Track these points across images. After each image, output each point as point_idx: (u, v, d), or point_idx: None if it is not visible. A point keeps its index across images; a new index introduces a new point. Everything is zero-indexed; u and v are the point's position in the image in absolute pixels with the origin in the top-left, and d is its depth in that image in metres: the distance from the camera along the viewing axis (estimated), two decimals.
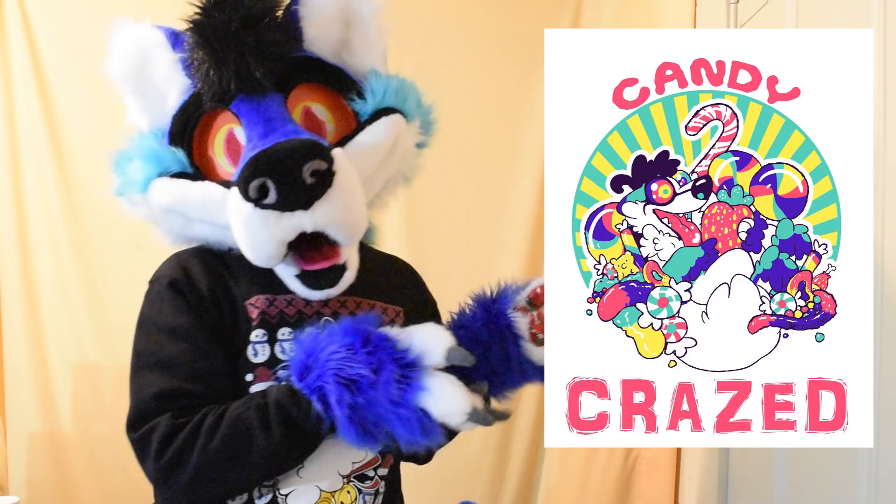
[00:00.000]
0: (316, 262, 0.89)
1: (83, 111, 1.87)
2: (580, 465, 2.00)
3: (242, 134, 0.90)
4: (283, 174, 0.81)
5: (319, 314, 0.94)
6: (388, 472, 0.98)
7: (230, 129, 0.93)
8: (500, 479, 2.05)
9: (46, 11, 1.88)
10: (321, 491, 0.90)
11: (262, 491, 0.89)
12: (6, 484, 1.86)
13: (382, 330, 0.82)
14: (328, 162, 0.83)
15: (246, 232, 0.85)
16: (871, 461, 1.07)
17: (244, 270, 0.91)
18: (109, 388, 1.90)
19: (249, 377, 0.89)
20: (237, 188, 0.84)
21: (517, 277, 1.04)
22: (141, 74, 0.93)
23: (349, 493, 0.92)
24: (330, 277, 0.90)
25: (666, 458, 1.91)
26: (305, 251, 0.89)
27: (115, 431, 0.89)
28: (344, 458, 0.92)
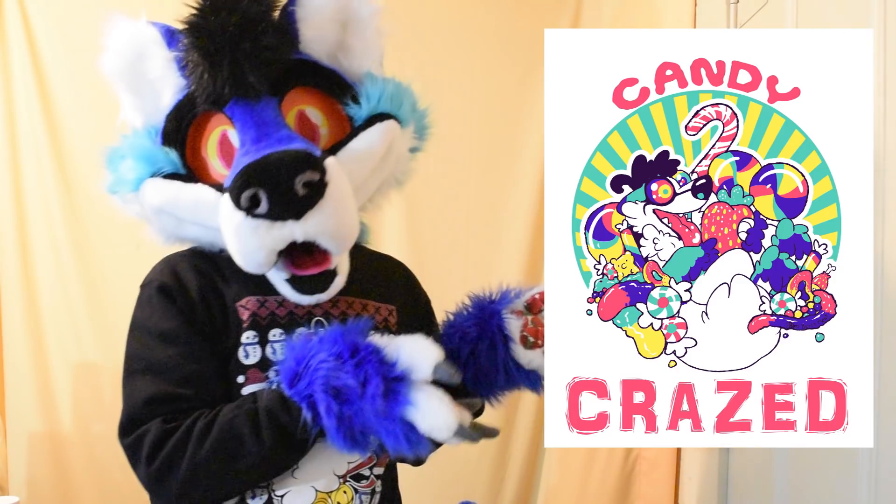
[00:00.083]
0: (307, 267, 0.89)
1: (83, 111, 1.86)
2: (580, 465, 2.00)
3: (236, 136, 0.90)
4: (275, 185, 0.81)
5: (311, 314, 0.94)
6: (384, 470, 0.97)
7: (224, 130, 0.92)
8: (500, 479, 2.05)
9: (46, 11, 1.88)
10: (317, 491, 0.90)
11: (256, 492, 0.89)
12: (6, 484, 1.86)
13: (371, 340, 0.82)
14: (320, 173, 0.83)
15: (237, 240, 0.85)
16: (871, 461, 1.07)
17: (235, 272, 0.91)
18: (109, 388, 1.90)
19: (241, 379, 0.89)
20: (229, 196, 0.84)
21: (517, 277, 1.04)
22: (135, 71, 0.92)
23: (345, 492, 0.92)
24: (320, 282, 0.90)
25: (666, 458, 1.91)
26: (296, 256, 0.88)
27: (115, 431, 0.90)
28: (339, 458, 0.92)
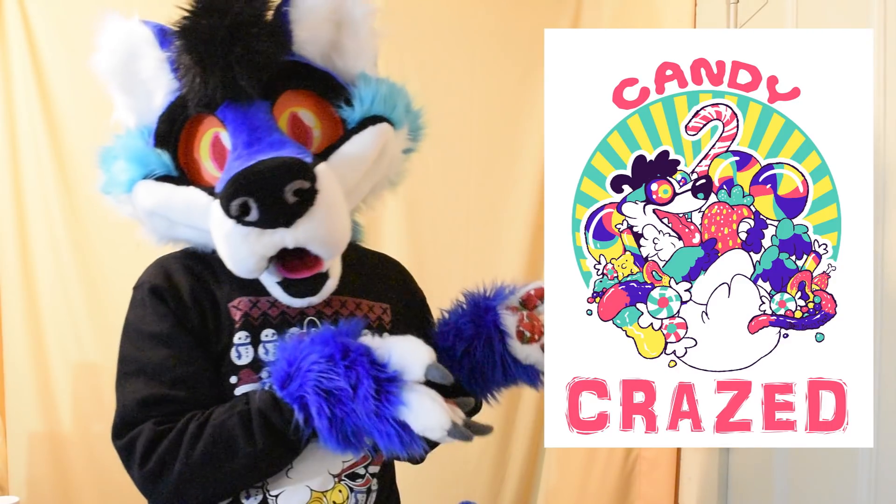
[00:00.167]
0: (298, 271, 0.89)
1: (83, 111, 1.86)
2: (580, 465, 2.00)
3: (228, 138, 0.89)
4: (264, 194, 0.80)
5: (303, 315, 0.94)
6: (379, 469, 0.97)
7: (216, 133, 0.91)
8: (500, 479, 2.05)
9: (46, 11, 1.88)
10: (312, 491, 0.90)
11: (251, 492, 0.89)
12: (6, 484, 1.86)
13: (362, 341, 0.82)
14: (310, 181, 0.82)
15: (227, 246, 0.85)
16: (871, 461, 1.07)
17: (227, 273, 0.90)
18: (109, 388, 1.87)
19: (234, 379, 0.89)
20: (219, 204, 0.83)
21: (517, 277, 1.04)
22: (128, 71, 0.92)
23: (341, 492, 0.92)
24: (311, 286, 0.90)
25: (666, 458, 1.91)
26: (288, 260, 0.88)
27: None
28: (333, 457, 0.91)
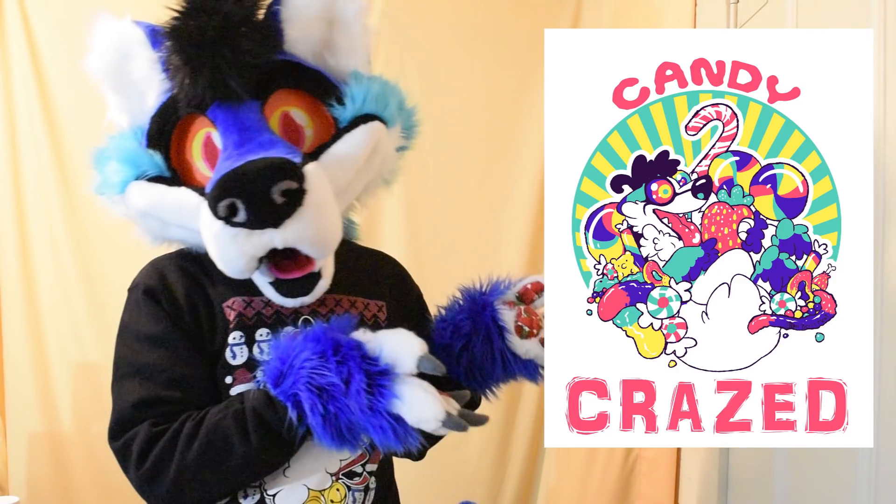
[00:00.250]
0: (290, 271, 0.88)
1: (83, 111, 1.86)
2: (580, 465, 2.00)
3: (219, 139, 0.89)
4: (251, 194, 0.80)
5: (297, 314, 0.94)
6: (377, 467, 0.97)
7: (207, 133, 0.91)
8: (500, 479, 2.05)
9: (46, 11, 1.88)
10: (309, 490, 0.90)
11: (248, 492, 0.89)
12: (6, 484, 1.86)
13: (354, 336, 0.82)
14: (298, 181, 0.82)
15: (217, 247, 0.85)
16: (871, 461, 1.07)
17: (221, 273, 0.90)
18: (109, 388, 1.89)
19: (229, 379, 0.89)
20: (208, 205, 0.83)
21: (516, 276, 1.04)
22: (120, 71, 0.92)
23: (338, 490, 0.92)
24: (303, 286, 0.89)
25: (666, 458, 1.91)
26: (279, 260, 0.88)
27: None
28: (331, 455, 0.91)
